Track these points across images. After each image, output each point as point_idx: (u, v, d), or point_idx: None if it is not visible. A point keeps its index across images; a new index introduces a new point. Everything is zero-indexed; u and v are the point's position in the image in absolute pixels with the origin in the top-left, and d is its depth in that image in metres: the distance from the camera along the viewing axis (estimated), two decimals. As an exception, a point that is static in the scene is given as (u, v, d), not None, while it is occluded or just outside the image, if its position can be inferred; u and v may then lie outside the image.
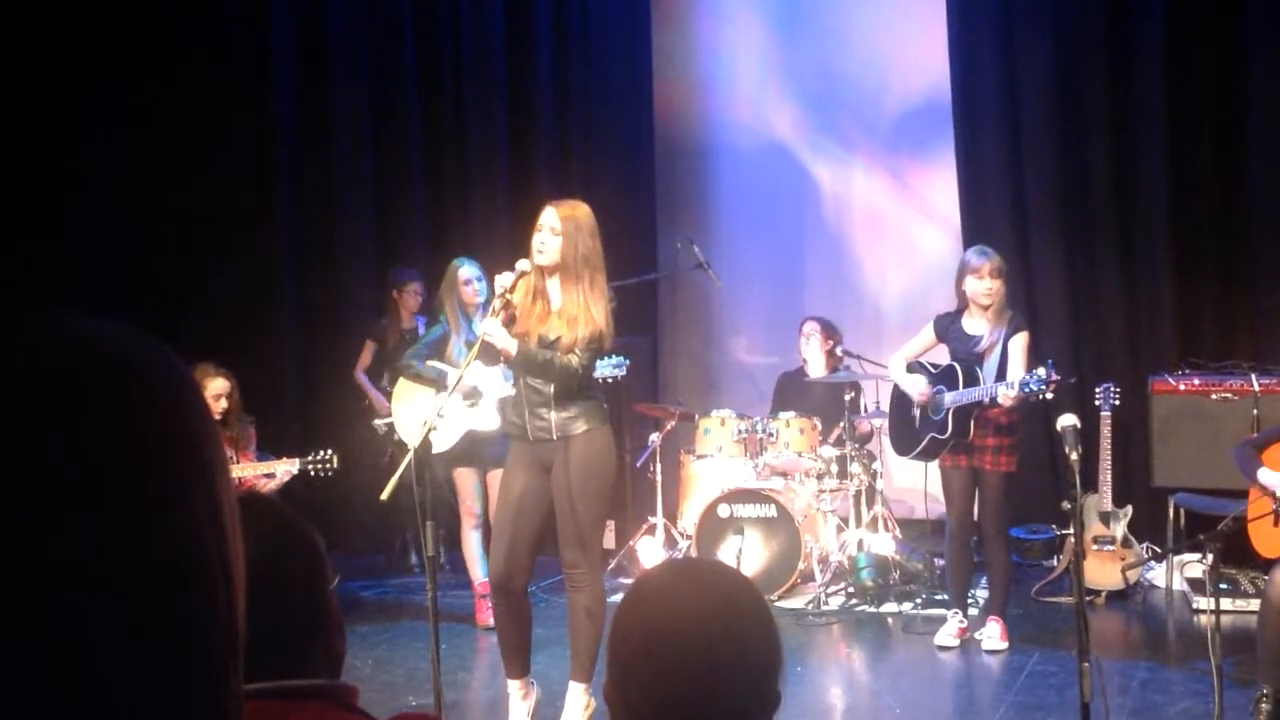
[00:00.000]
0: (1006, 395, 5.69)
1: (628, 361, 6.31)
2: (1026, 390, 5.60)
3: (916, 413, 6.16)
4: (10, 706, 0.61)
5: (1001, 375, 5.87)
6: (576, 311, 4.68)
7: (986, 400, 5.82)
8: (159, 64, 8.19)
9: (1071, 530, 4.20)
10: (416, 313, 7.54)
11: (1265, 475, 5.08)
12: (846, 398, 7.22)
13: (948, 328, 6.11)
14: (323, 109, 8.56)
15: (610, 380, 5.99)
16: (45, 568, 0.62)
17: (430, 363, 6.20)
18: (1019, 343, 5.91)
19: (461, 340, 6.13)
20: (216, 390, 6.08)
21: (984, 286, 5.92)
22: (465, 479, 6.41)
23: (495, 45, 8.52)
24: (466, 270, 6.29)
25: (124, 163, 8.20)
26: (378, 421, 7.26)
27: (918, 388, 6.08)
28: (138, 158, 8.24)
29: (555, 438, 4.76)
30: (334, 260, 8.58)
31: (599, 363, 5.41)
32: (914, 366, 6.21)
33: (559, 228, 4.66)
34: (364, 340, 7.75)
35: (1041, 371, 5.59)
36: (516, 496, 4.86)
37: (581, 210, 4.75)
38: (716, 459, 7.38)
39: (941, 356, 6.16)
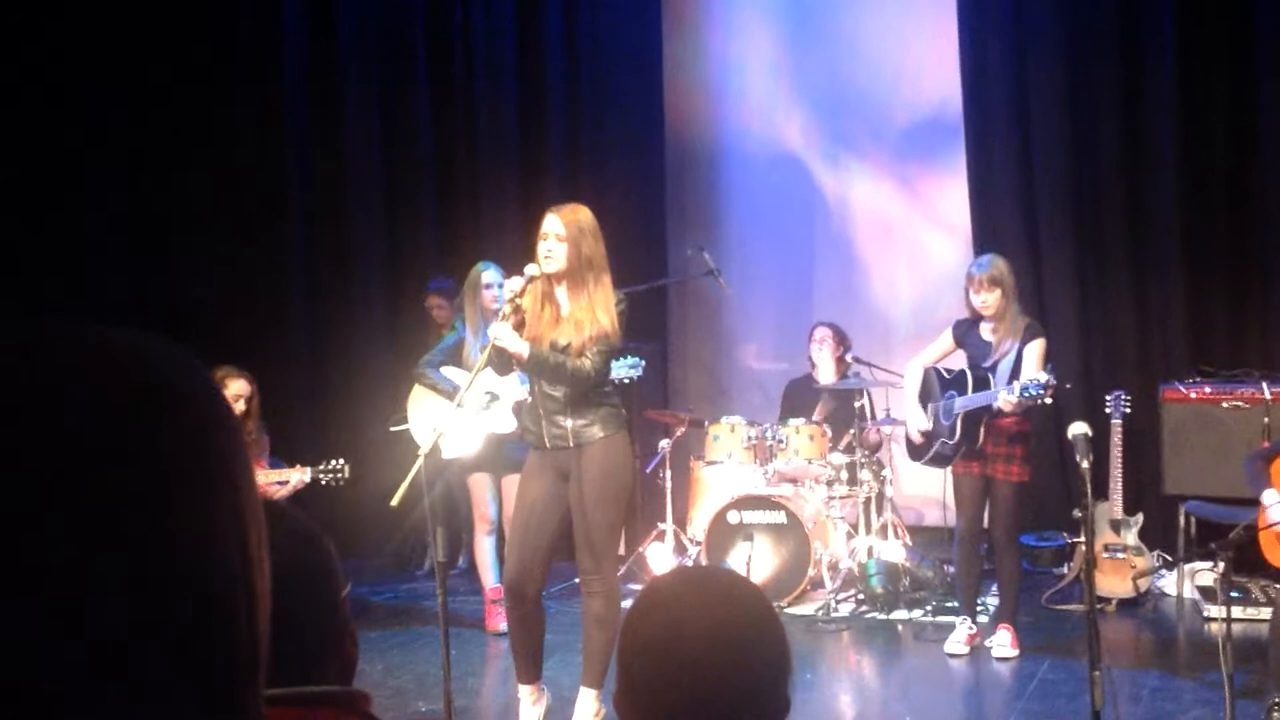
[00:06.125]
0: (1007, 400, 5.68)
1: (643, 362, 6.29)
2: (1026, 395, 5.59)
3: (929, 419, 6.15)
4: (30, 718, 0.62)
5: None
6: (582, 315, 4.68)
7: (994, 406, 5.81)
8: (167, 62, 8.20)
9: (1083, 538, 4.20)
10: (442, 324, 7.43)
11: (1269, 496, 5.06)
12: (856, 405, 7.21)
13: (966, 333, 6.10)
14: (333, 115, 8.58)
15: (627, 381, 5.98)
16: (68, 580, 0.63)
17: (446, 369, 6.21)
18: (1034, 350, 5.87)
19: (478, 345, 6.11)
20: (237, 391, 6.09)
21: (979, 300, 5.91)
22: (479, 484, 6.40)
23: (506, 52, 8.53)
24: (489, 275, 6.23)
25: (133, 166, 8.22)
26: (394, 428, 7.25)
27: (916, 425, 6.10)
28: (146, 161, 8.26)
29: (572, 445, 4.75)
30: (344, 266, 8.60)
31: (615, 364, 5.40)
32: (930, 372, 6.20)
33: (564, 233, 4.65)
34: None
35: (1041, 377, 5.58)
36: (532, 503, 4.85)
37: (583, 213, 4.75)
38: (726, 465, 7.38)
39: (959, 362, 6.15)
